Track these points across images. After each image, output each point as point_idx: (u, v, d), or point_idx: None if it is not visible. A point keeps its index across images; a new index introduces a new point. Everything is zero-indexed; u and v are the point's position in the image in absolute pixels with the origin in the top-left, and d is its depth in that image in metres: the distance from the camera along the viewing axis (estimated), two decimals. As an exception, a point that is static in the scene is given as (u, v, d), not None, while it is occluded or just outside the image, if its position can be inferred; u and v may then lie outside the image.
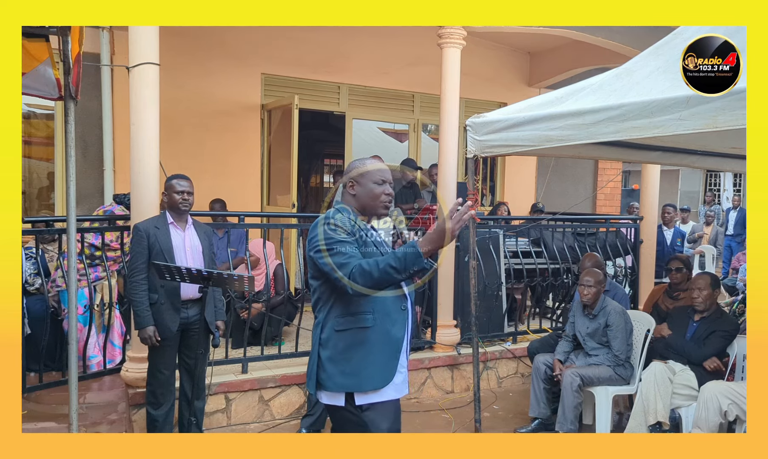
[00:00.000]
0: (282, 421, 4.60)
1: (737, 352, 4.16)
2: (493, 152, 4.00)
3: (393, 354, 2.36)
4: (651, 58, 3.27)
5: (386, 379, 2.32)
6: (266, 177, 7.19)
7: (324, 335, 2.36)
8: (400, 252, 2.13)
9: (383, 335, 2.34)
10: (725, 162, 5.08)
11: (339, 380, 2.30)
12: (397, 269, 2.11)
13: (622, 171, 13.62)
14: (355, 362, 2.30)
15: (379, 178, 2.41)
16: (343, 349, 2.31)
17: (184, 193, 3.72)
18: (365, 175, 2.42)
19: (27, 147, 6.31)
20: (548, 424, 4.42)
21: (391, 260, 2.12)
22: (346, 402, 2.30)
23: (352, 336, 2.32)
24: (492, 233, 5.81)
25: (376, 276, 2.13)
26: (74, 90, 2.96)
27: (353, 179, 2.44)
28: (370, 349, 2.31)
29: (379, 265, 2.14)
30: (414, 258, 2.09)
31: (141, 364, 4.02)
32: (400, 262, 2.10)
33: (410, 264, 2.10)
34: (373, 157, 5.53)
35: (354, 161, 2.54)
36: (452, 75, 5.31)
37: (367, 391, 2.29)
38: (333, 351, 2.32)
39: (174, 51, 5.82)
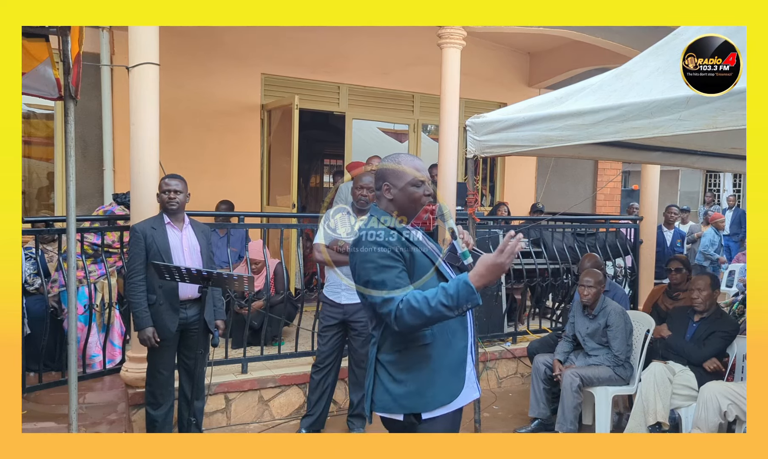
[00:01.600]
0: (282, 421, 4.59)
1: (737, 352, 4.16)
2: (493, 152, 3.99)
3: (459, 365, 2.21)
4: (651, 58, 3.27)
5: (454, 394, 2.18)
6: (266, 177, 7.19)
7: (383, 356, 2.19)
8: (451, 289, 1.97)
9: (445, 348, 2.18)
10: (725, 162, 5.08)
11: (405, 402, 2.14)
12: (450, 307, 1.96)
13: (622, 171, 13.62)
14: (420, 382, 2.14)
15: (418, 180, 2.23)
16: (403, 369, 2.16)
17: (170, 192, 3.70)
18: (401, 177, 2.23)
19: (27, 147, 6.31)
20: (548, 425, 4.42)
21: (442, 298, 1.97)
22: (405, 416, 2.16)
23: (411, 356, 2.15)
24: (492, 233, 5.81)
25: (428, 314, 1.98)
26: (74, 90, 2.96)
27: (389, 183, 2.24)
28: (434, 366, 2.16)
29: (430, 302, 1.98)
30: (468, 295, 1.95)
31: (140, 365, 4.02)
32: (452, 300, 1.96)
33: (463, 301, 1.96)
34: (373, 157, 5.56)
35: (386, 160, 2.31)
36: (452, 75, 5.31)
37: (434, 409, 2.15)
38: (393, 372, 2.17)
39: (174, 51, 5.82)
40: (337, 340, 4.07)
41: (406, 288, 2.07)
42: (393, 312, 2.02)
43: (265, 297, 4.94)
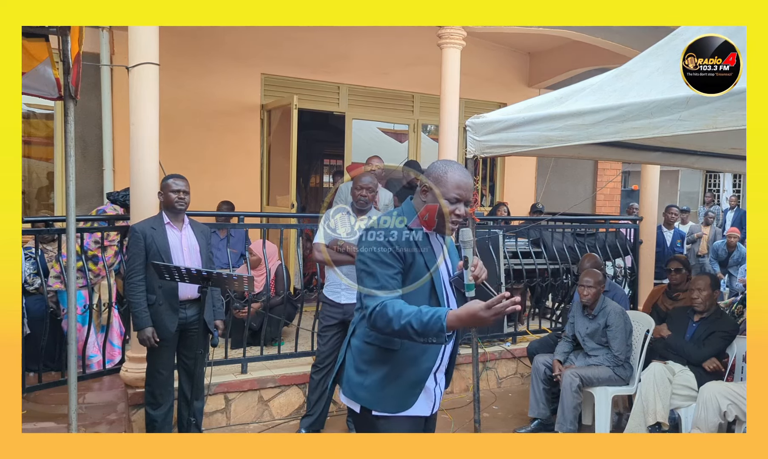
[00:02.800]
0: (281, 421, 4.59)
1: (736, 352, 4.16)
2: (493, 153, 3.99)
3: (416, 383, 2.21)
4: (651, 58, 3.27)
5: (402, 407, 2.19)
6: (266, 177, 7.19)
7: (354, 341, 2.25)
8: (426, 316, 1.97)
9: (409, 361, 2.18)
10: (725, 163, 5.09)
11: (357, 391, 2.20)
12: (417, 332, 1.98)
13: (622, 171, 13.62)
14: (373, 380, 2.18)
15: (454, 196, 2.17)
16: (366, 361, 2.20)
17: (180, 192, 3.71)
18: (441, 185, 2.18)
19: (26, 147, 6.31)
20: (548, 425, 4.42)
21: (413, 320, 1.98)
22: (362, 408, 2.21)
23: (376, 353, 2.19)
24: (491, 233, 5.81)
25: (395, 328, 2.01)
26: (74, 90, 2.96)
27: (428, 186, 2.21)
28: (391, 373, 2.18)
29: (401, 319, 2.00)
30: (437, 331, 1.96)
31: (140, 365, 4.02)
32: (421, 327, 1.97)
33: (430, 334, 1.97)
34: (373, 157, 5.55)
35: (437, 163, 2.28)
36: (452, 75, 5.31)
37: (381, 411, 2.18)
38: (357, 360, 2.22)
39: (174, 51, 5.82)
40: (336, 340, 4.07)
41: (394, 291, 2.09)
42: (370, 309, 2.06)
43: (265, 297, 4.94)
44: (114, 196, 5.00)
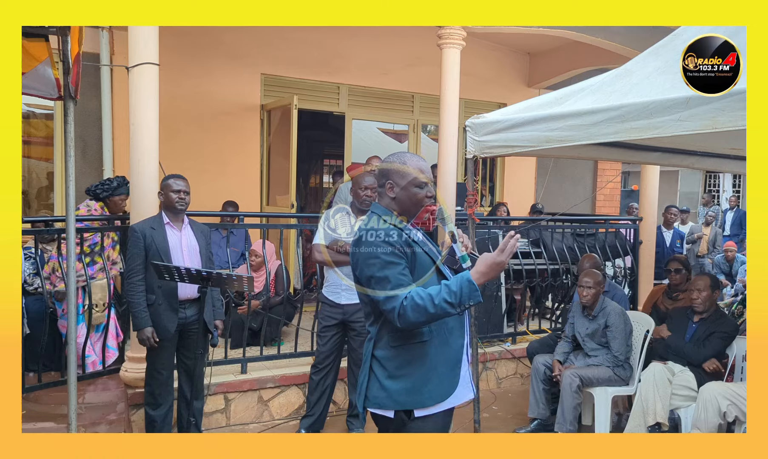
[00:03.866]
0: (281, 421, 4.59)
1: (736, 353, 4.16)
2: (493, 153, 3.99)
3: (455, 363, 2.23)
4: (650, 58, 3.27)
5: (449, 391, 2.21)
6: (266, 177, 7.19)
7: (379, 352, 2.21)
8: (454, 286, 1.99)
9: (442, 346, 2.20)
10: (725, 163, 5.09)
11: (400, 398, 2.16)
12: (453, 304, 1.99)
13: (622, 172, 13.62)
14: (416, 378, 2.16)
15: (422, 181, 2.23)
16: (399, 365, 2.17)
17: (180, 193, 3.71)
18: (405, 177, 2.23)
19: (26, 147, 6.31)
20: (547, 425, 4.42)
21: (446, 295, 1.99)
22: (396, 413, 2.18)
23: (408, 352, 2.17)
24: (491, 234, 5.82)
25: (432, 311, 2.01)
26: (73, 90, 2.96)
27: (392, 181, 2.24)
28: (431, 363, 2.18)
29: (434, 299, 2.00)
30: (470, 292, 1.98)
31: (140, 365, 4.02)
32: (455, 297, 1.98)
33: (466, 298, 1.98)
34: (373, 157, 5.55)
35: (391, 158, 2.31)
36: (452, 75, 5.31)
37: (429, 406, 2.18)
38: (390, 368, 2.18)
39: (173, 51, 5.82)
40: (336, 341, 4.07)
41: (409, 286, 2.08)
42: (397, 309, 2.03)
43: (264, 298, 4.94)
44: (92, 189, 4.73)
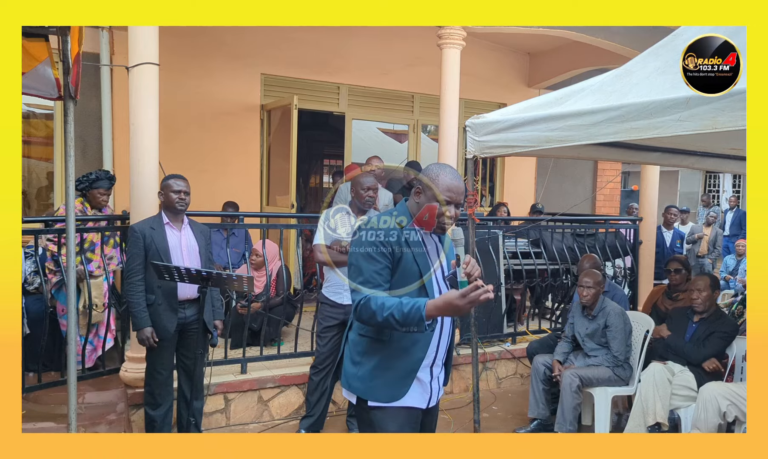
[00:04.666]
0: (281, 421, 4.59)
1: (736, 353, 4.16)
2: (493, 153, 3.99)
3: (407, 373, 2.28)
4: (650, 58, 3.27)
5: (394, 397, 2.26)
6: (266, 177, 7.19)
7: (351, 334, 2.37)
8: (406, 307, 2.08)
9: (400, 352, 2.27)
10: (725, 163, 5.09)
11: (352, 382, 2.32)
12: (399, 322, 2.09)
13: (622, 172, 13.63)
14: (366, 370, 2.28)
15: (445, 198, 2.27)
16: (360, 353, 2.31)
17: (181, 193, 3.71)
18: (432, 188, 2.28)
19: (26, 147, 6.31)
20: (547, 425, 4.42)
21: (395, 311, 2.08)
22: (358, 400, 2.31)
23: (369, 344, 2.29)
24: (491, 234, 5.81)
25: (379, 320, 2.12)
26: (73, 90, 2.96)
27: (422, 186, 2.31)
28: (382, 364, 2.27)
29: (384, 311, 2.10)
30: (416, 320, 2.06)
31: (140, 365, 4.02)
32: (402, 317, 2.08)
33: (411, 323, 2.08)
34: (373, 157, 5.55)
35: (432, 168, 2.36)
36: (452, 75, 5.31)
37: (375, 401, 2.27)
38: (353, 352, 2.34)
39: (174, 51, 5.82)
40: (336, 341, 4.07)
41: (378, 287, 2.19)
42: (355, 302, 2.18)
43: (264, 298, 4.94)
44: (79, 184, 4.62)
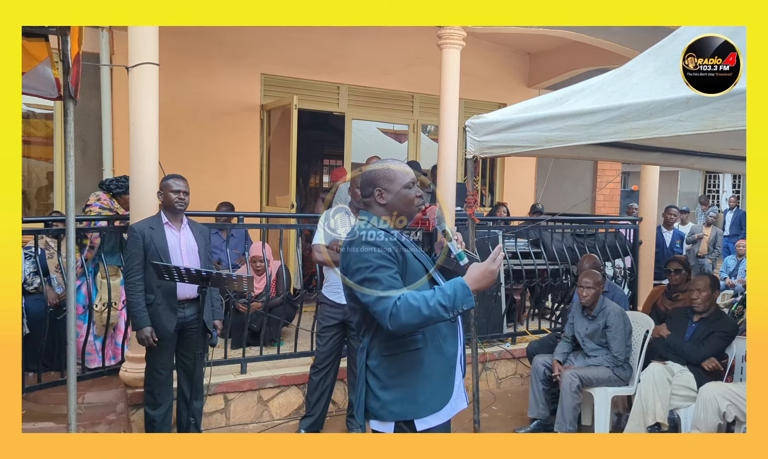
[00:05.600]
0: (281, 421, 4.59)
1: (736, 353, 4.16)
2: (493, 153, 3.99)
3: (449, 370, 2.20)
4: (650, 59, 3.27)
5: (445, 400, 2.17)
6: (265, 177, 7.19)
7: (372, 362, 2.17)
8: (448, 289, 1.98)
9: (436, 353, 2.17)
10: (725, 163, 5.08)
11: (395, 408, 2.12)
12: (447, 308, 1.97)
13: (622, 172, 13.63)
14: (410, 387, 2.12)
15: (409, 181, 2.22)
16: (396, 374, 2.13)
17: (180, 193, 3.71)
18: (394, 180, 2.21)
19: (26, 147, 6.31)
20: (547, 425, 4.42)
21: (440, 298, 1.97)
22: (396, 425, 2.14)
23: (403, 360, 2.13)
24: (491, 234, 5.81)
25: (426, 313, 1.97)
26: (73, 90, 2.96)
27: (381, 188, 2.22)
28: (425, 371, 2.14)
29: (429, 301, 1.97)
30: (464, 296, 1.97)
31: (139, 365, 4.02)
32: (449, 300, 1.96)
33: (459, 303, 1.97)
34: (373, 157, 5.56)
35: (375, 166, 2.28)
36: (452, 76, 5.31)
37: (426, 415, 2.13)
38: (384, 378, 2.14)
39: (173, 51, 5.82)
40: (336, 341, 4.07)
41: (401, 289, 2.05)
42: (389, 309, 1.99)
43: (264, 298, 4.94)
44: (107, 184, 4.87)
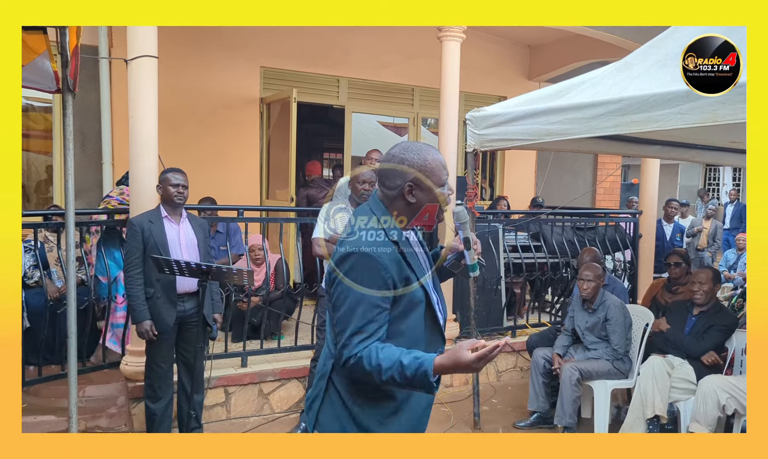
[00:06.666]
0: (281, 414, 4.60)
1: (735, 346, 4.17)
2: (493, 146, 3.99)
3: (419, 417, 1.94)
4: (651, 51, 3.26)
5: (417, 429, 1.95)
6: (265, 171, 7.18)
7: (337, 377, 1.86)
8: (409, 369, 1.68)
9: (412, 395, 1.90)
10: (725, 156, 5.08)
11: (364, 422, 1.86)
12: (400, 384, 1.72)
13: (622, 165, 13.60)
14: (373, 418, 1.86)
15: (444, 178, 1.86)
16: (362, 400, 1.85)
17: (179, 187, 3.70)
18: (431, 175, 1.83)
19: (25, 140, 6.28)
20: (547, 418, 4.44)
21: (396, 374, 1.70)
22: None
23: (376, 389, 1.83)
24: (491, 227, 5.81)
25: (377, 381, 1.73)
26: (72, 82, 2.95)
27: (414, 184, 1.83)
28: (395, 409, 1.87)
29: (382, 373, 1.70)
30: (422, 384, 1.70)
31: (140, 358, 4.02)
32: (405, 380, 1.70)
33: (416, 385, 1.71)
34: (373, 151, 5.53)
35: (409, 152, 1.85)
36: (452, 69, 5.29)
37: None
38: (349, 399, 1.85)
39: (172, 44, 5.80)
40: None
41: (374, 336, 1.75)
42: (344, 358, 1.75)
43: (264, 292, 4.94)
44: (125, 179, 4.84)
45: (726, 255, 9.02)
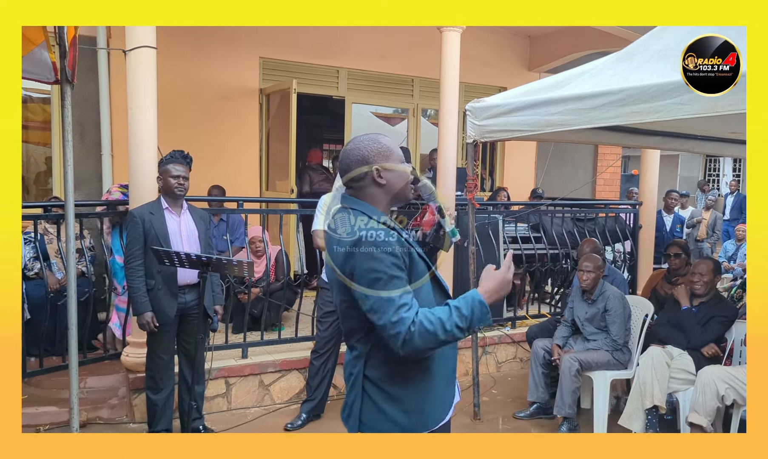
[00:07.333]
0: (282, 405, 4.62)
1: (735, 336, 4.17)
2: (493, 137, 3.98)
3: (452, 373, 2.02)
4: (652, 42, 3.25)
5: (449, 405, 1.99)
6: (265, 162, 7.17)
7: (373, 372, 1.88)
8: (464, 308, 1.75)
9: (441, 358, 1.94)
10: (725, 147, 5.07)
11: (401, 420, 1.88)
12: (464, 329, 1.75)
13: (622, 156, 13.58)
14: (416, 397, 1.89)
15: (401, 155, 1.96)
16: (401, 383, 1.87)
17: (179, 178, 3.69)
18: (390, 155, 1.92)
19: (24, 132, 6.26)
20: (546, 409, 4.46)
21: (457, 319, 1.73)
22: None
23: (409, 368, 1.87)
24: (491, 219, 5.81)
25: (442, 338, 1.74)
26: (70, 73, 2.94)
27: (378, 165, 1.90)
28: (432, 379, 1.91)
29: (445, 324, 1.73)
30: (482, 315, 1.75)
31: (141, 349, 4.03)
32: (466, 321, 1.74)
33: (477, 321, 1.74)
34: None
35: (365, 141, 1.94)
36: (452, 59, 5.28)
37: (432, 427, 1.93)
38: (388, 389, 1.87)
39: (171, 34, 5.78)
40: (337, 326, 4.08)
41: (413, 307, 1.77)
42: (402, 335, 1.72)
43: (264, 283, 4.95)
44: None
45: (725, 246, 9.02)
